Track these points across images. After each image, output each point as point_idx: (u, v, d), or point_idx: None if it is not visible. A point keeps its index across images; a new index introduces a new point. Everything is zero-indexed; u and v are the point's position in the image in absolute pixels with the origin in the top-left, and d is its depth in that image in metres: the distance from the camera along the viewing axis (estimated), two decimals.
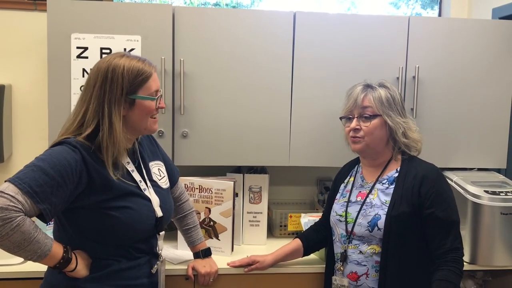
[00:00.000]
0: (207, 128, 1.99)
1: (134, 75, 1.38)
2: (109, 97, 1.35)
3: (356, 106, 1.66)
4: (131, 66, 1.38)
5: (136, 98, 1.40)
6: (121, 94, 1.37)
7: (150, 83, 1.42)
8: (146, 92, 1.41)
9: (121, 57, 1.40)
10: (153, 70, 1.43)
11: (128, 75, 1.37)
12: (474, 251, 1.90)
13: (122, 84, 1.36)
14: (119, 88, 1.36)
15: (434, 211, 1.57)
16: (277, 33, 1.98)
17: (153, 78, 1.43)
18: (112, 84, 1.36)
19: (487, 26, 2.08)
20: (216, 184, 1.97)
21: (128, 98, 1.38)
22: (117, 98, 1.36)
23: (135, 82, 1.38)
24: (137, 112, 1.41)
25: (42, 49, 2.14)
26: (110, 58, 1.40)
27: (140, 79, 1.39)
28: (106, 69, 1.37)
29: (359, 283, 1.64)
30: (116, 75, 1.36)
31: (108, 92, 1.36)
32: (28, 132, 2.27)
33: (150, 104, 1.42)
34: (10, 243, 1.22)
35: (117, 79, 1.36)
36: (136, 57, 1.43)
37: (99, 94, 1.36)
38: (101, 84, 1.36)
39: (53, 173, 1.26)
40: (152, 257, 1.52)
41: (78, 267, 1.36)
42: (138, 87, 1.39)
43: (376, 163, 1.71)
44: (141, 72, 1.39)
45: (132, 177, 1.45)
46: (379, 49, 2.03)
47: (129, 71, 1.37)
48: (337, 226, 1.73)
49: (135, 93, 1.39)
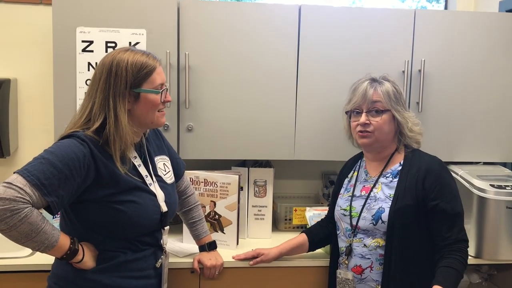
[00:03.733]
0: (212, 122, 1.99)
1: (138, 69, 1.38)
2: (114, 90, 1.36)
3: (365, 101, 1.65)
4: (135, 60, 1.39)
5: (140, 92, 1.40)
6: (125, 88, 1.37)
7: (154, 77, 1.42)
8: (151, 86, 1.42)
9: (126, 51, 1.41)
10: (157, 64, 1.44)
11: (132, 69, 1.37)
12: (479, 245, 1.89)
13: (126, 77, 1.37)
14: (123, 81, 1.37)
15: (439, 203, 1.57)
16: (282, 26, 1.97)
17: (157, 71, 1.43)
18: (116, 78, 1.36)
19: (493, 19, 2.06)
20: (221, 177, 1.97)
21: (132, 91, 1.39)
22: (122, 92, 1.37)
23: (139, 76, 1.39)
24: (142, 105, 1.41)
25: (47, 43, 2.14)
26: (115, 53, 1.40)
27: (144, 72, 1.39)
28: (110, 63, 1.38)
29: (364, 276, 1.64)
30: (120, 69, 1.37)
31: (113, 86, 1.36)
32: (34, 126, 2.28)
33: (154, 97, 1.43)
34: (18, 233, 1.23)
35: (121, 72, 1.37)
36: (140, 51, 1.43)
37: (104, 88, 1.37)
38: (106, 78, 1.37)
39: (61, 166, 1.27)
40: (158, 249, 1.53)
41: (85, 258, 1.37)
42: (142, 81, 1.40)
43: (380, 156, 1.71)
44: (145, 65, 1.40)
45: (138, 172, 1.46)
46: (384, 43, 2.02)
47: (133, 64, 1.38)
48: (341, 221, 1.73)
49: (140, 87, 1.40)
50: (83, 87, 1.91)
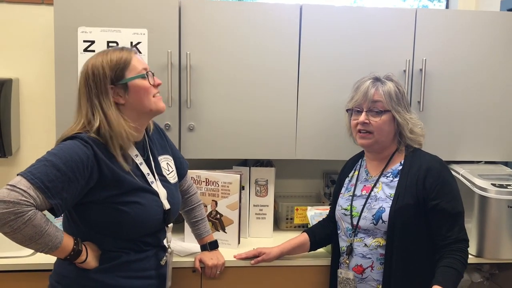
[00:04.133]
0: (213, 121, 2.00)
1: (114, 63, 1.39)
2: (95, 91, 1.37)
3: (366, 100, 1.65)
4: (109, 57, 1.40)
5: (126, 82, 1.40)
6: (106, 84, 1.38)
7: (133, 64, 1.42)
8: (134, 73, 1.41)
9: (98, 54, 1.43)
10: (132, 53, 1.44)
11: (108, 65, 1.39)
12: (480, 244, 1.90)
13: (104, 74, 1.38)
14: (102, 79, 1.37)
15: (440, 202, 1.57)
16: (284, 26, 1.97)
17: (134, 59, 1.43)
18: (94, 78, 1.38)
19: (495, 18, 2.06)
20: (222, 177, 1.97)
21: (119, 84, 1.39)
22: (103, 89, 1.38)
23: (118, 68, 1.39)
24: (134, 94, 1.41)
25: (49, 42, 2.15)
26: (90, 59, 1.43)
27: (122, 63, 1.40)
28: (86, 68, 1.40)
29: (364, 275, 1.65)
30: (96, 69, 1.38)
31: (93, 87, 1.38)
32: (36, 125, 2.28)
33: (142, 82, 1.42)
34: (22, 236, 1.23)
35: (98, 72, 1.38)
36: (112, 48, 1.45)
37: (86, 92, 1.39)
38: (85, 82, 1.39)
39: (65, 169, 1.27)
40: (159, 250, 1.53)
41: (88, 258, 1.37)
42: (123, 71, 1.40)
43: (380, 156, 1.71)
44: (120, 58, 1.40)
45: (140, 170, 1.46)
46: (386, 42, 2.02)
47: (108, 61, 1.39)
48: (342, 220, 1.73)
49: (123, 77, 1.40)
50: None
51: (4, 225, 1.20)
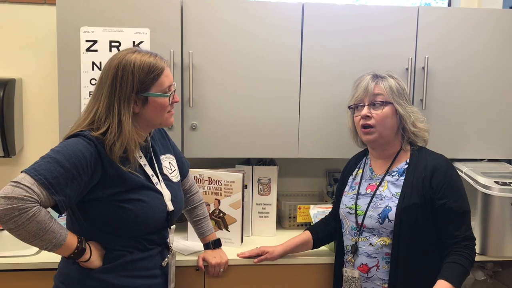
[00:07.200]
0: (216, 120, 2.00)
1: (146, 72, 1.37)
2: (119, 95, 1.35)
3: (367, 94, 1.65)
4: (142, 63, 1.37)
5: (149, 96, 1.39)
6: (131, 92, 1.36)
7: (162, 79, 1.41)
8: (159, 89, 1.40)
9: (133, 53, 1.39)
10: (165, 65, 1.42)
11: (139, 73, 1.36)
12: (484, 242, 1.89)
13: (133, 82, 1.36)
14: (129, 86, 1.36)
15: (447, 202, 1.57)
16: (286, 24, 1.97)
17: (165, 73, 1.41)
18: (122, 83, 1.35)
19: (497, 15, 2.06)
20: (225, 176, 1.97)
21: (141, 95, 1.38)
22: (127, 97, 1.36)
23: (147, 80, 1.37)
24: (151, 109, 1.41)
25: (51, 42, 2.15)
26: (121, 55, 1.39)
27: (152, 76, 1.38)
28: (116, 66, 1.36)
29: (370, 274, 1.64)
30: (126, 73, 1.35)
31: (118, 91, 1.35)
32: (39, 125, 2.29)
33: (163, 100, 1.42)
34: (26, 232, 1.24)
35: (127, 77, 1.35)
36: (147, 52, 1.41)
37: (109, 93, 1.36)
38: (111, 82, 1.36)
39: (68, 166, 1.27)
40: (164, 248, 1.54)
41: (92, 257, 1.38)
42: (150, 84, 1.38)
43: (385, 154, 1.71)
44: (152, 68, 1.38)
45: (144, 171, 1.46)
46: (388, 40, 2.02)
47: (140, 68, 1.36)
48: (346, 219, 1.73)
49: (148, 91, 1.39)
50: (88, 87, 1.92)
51: (9, 221, 1.21)
